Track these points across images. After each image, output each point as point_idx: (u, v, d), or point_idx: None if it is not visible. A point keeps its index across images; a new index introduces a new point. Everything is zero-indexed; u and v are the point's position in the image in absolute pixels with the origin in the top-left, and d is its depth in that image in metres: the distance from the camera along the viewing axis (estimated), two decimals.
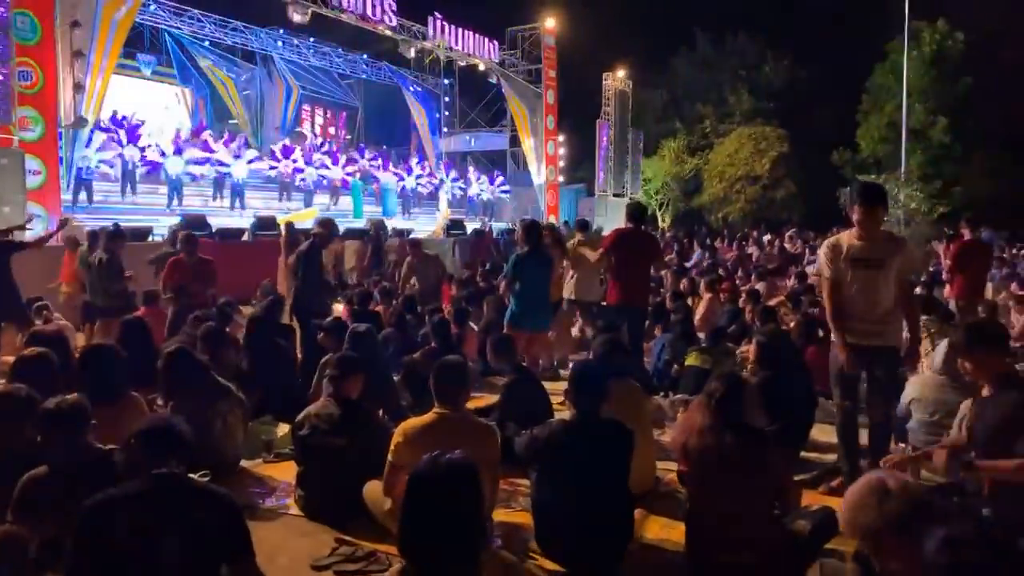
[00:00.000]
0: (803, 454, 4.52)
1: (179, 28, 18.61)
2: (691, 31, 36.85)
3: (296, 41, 21.10)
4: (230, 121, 19.90)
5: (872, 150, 29.58)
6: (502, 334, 5.23)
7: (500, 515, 3.58)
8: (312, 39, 21.37)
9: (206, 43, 19.28)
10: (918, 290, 9.03)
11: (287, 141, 18.76)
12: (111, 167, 13.61)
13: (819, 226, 24.15)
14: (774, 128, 32.76)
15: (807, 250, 16.66)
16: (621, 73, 27.83)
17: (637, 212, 6.38)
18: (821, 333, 5.61)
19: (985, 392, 3.41)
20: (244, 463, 4.40)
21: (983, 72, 28.47)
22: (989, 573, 1.76)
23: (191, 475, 3.46)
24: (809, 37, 33.47)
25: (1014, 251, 17.62)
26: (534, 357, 6.10)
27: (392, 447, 3.18)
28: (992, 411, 3.33)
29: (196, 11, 18.48)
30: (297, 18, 16.19)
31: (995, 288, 10.44)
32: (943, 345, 4.29)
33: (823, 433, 4.72)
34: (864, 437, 4.07)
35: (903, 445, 4.50)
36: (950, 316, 5.87)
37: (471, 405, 5.43)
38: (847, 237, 4.02)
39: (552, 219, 22.56)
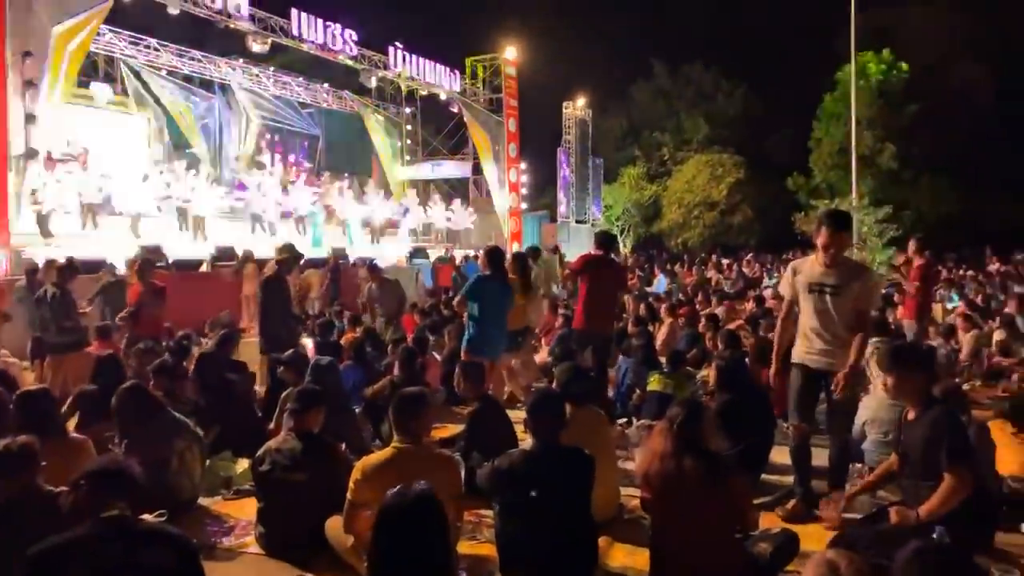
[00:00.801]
0: (763, 476, 4.57)
1: (135, 57, 18.40)
2: (648, 62, 37.77)
3: (255, 70, 21.01)
4: (188, 151, 19.65)
5: (825, 176, 30.46)
6: (473, 361, 5.22)
7: (465, 547, 3.55)
8: (272, 68, 21.31)
9: (163, 72, 19.08)
10: (873, 312, 9.30)
11: (249, 171, 18.61)
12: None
13: (776, 250, 24.77)
14: (730, 155, 33.57)
15: (764, 274, 17.03)
16: (581, 102, 28.30)
17: (607, 240, 6.49)
18: None
19: (911, 415, 3.52)
20: (202, 501, 4.30)
21: (925, 100, 29.65)
22: (959, 569, 1.82)
23: (145, 516, 3.39)
24: (762, 67, 34.58)
25: (960, 272, 18.24)
26: (493, 385, 6.08)
27: (351, 484, 3.14)
28: (917, 431, 3.44)
29: (153, 40, 18.31)
30: (256, 48, 16.16)
31: (944, 309, 10.78)
32: None
33: (783, 455, 4.78)
34: (818, 458, 4.13)
35: (860, 465, 4.60)
36: (901, 337, 6.04)
37: (436, 435, 5.46)
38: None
39: (516, 246, 22.69)
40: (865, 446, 4.69)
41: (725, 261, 20.56)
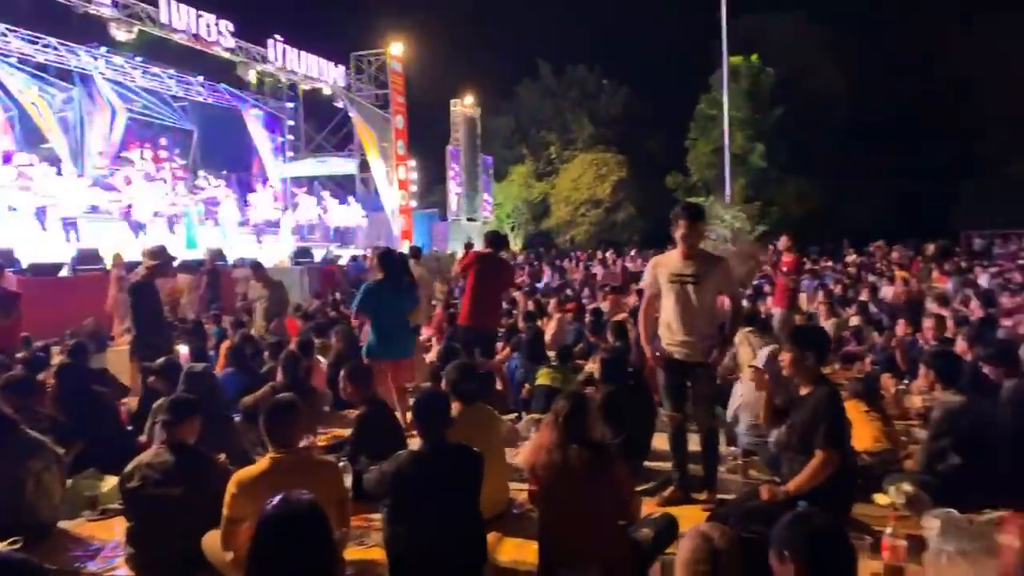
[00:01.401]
0: (646, 463, 4.75)
1: None
2: (534, 61, 38.36)
3: (121, 60, 19.64)
4: (43, 146, 18.13)
5: (701, 174, 32.04)
6: (357, 363, 5.10)
7: (353, 553, 3.48)
8: (139, 59, 20.01)
9: (13, 60, 17.48)
10: (745, 303, 9.88)
11: (114, 167, 17.38)
12: None
13: (658, 245, 25.78)
14: (614, 154, 34.65)
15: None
16: (469, 100, 28.37)
17: (497, 239, 6.54)
18: None
19: (801, 391, 3.79)
20: (64, 524, 3.99)
21: (790, 104, 31.79)
22: (832, 534, 1.97)
23: None
24: (642, 68, 35.89)
25: (822, 264, 19.68)
26: (400, 386, 5.99)
27: (227, 499, 3.00)
28: (804, 408, 3.72)
29: (1, 25, 16.75)
30: (121, 36, 15.14)
31: (808, 297, 11.58)
32: (763, 353, 4.69)
33: (665, 442, 4.98)
34: (694, 443, 4.33)
35: (734, 448, 4.87)
36: (769, 327, 6.45)
37: (322, 441, 5.32)
38: (671, 255, 4.27)
39: (406, 244, 22.46)
40: (738, 430, 4.97)
41: (610, 255, 21.21)
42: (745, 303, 9.78)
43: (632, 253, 21.16)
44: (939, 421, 4.03)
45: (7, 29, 16.91)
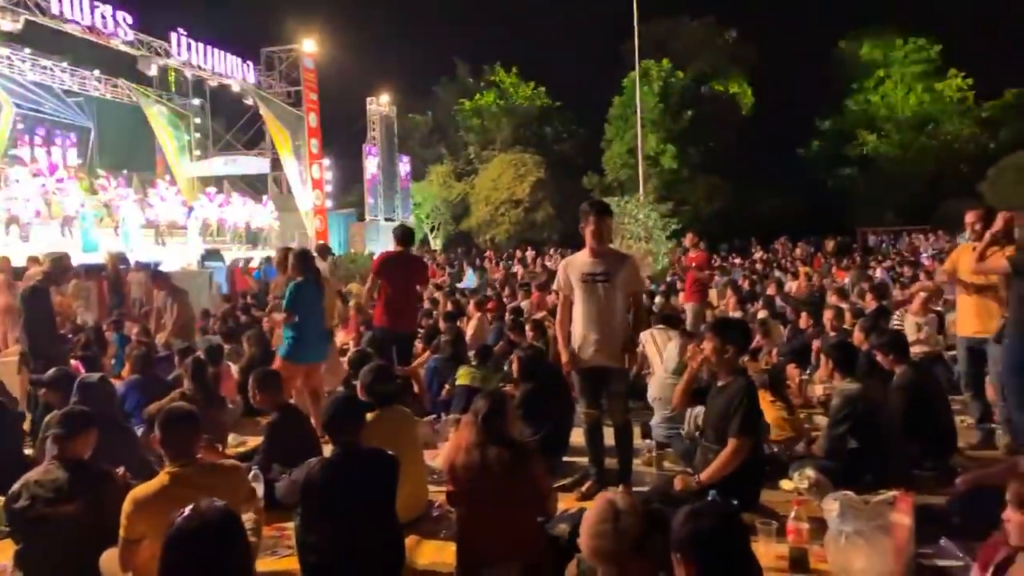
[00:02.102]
0: (565, 459, 4.80)
1: None
2: (451, 60, 38.24)
3: (7, 52, 18.36)
4: None
5: (616, 174, 32.74)
6: (265, 370, 4.92)
7: (266, 564, 3.36)
8: (28, 50, 18.76)
9: None
10: (658, 299, 10.15)
11: (3, 166, 16.22)
12: None
13: (576, 245, 26.19)
14: (532, 155, 34.94)
15: None
16: (385, 98, 27.99)
17: (405, 235, 6.38)
18: None
19: (720, 381, 3.92)
20: None
21: (699, 106, 32.93)
22: (722, 531, 2.01)
23: None
24: (557, 69, 36.40)
25: (731, 260, 20.46)
26: (314, 389, 5.82)
27: (123, 519, 2.82)
28: (720, 397, 3.85)
29: None
30: (7, 26, 14.13)
31: (718, 293, 12.00)
32: (672, 347, 4.82)
33: (583, 438, 5.04)
34: (609, 438, 4.40)
35: (648, 441, 4.99)
36: (680, 321, 6.62)
37: (233, 450, 5.11)
38: (581, 255, 4.30)
39: (318, 244, 21.93)
40: (653, 423, 5.09)
41: (529, 254, 21.39)
42: (659, 299, 10.12)
43: (551, 252, 21.41)
44: (838, 408, 4.25)
45: None
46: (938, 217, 27.67)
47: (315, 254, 6.54)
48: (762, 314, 8.93)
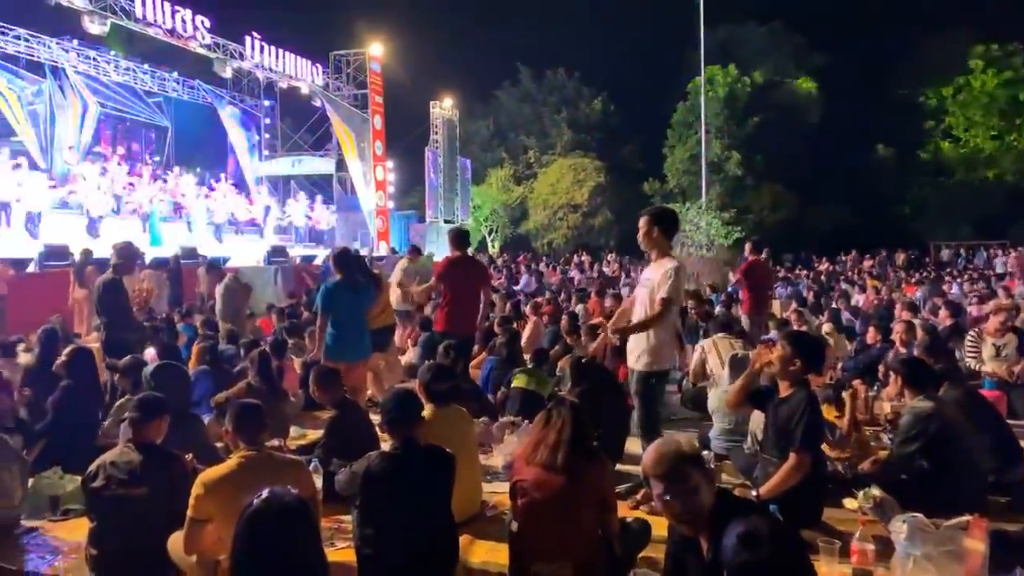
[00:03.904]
0: (619, 467, 4.75)
1: None
2: (514, 65, 38.43)
3: (93, 54, 19.31)
4: (12, 139, 17.74)
5: (677, 181, 32.32)
6: (325, 366, 5.04)
7: None
8: (113, 52, 19.67)
9: None
10: (718, 309, 9.95)
11: (84, 162, 17.05)
12: None
13: (635, 251, 25.97)
14: (592, 160, 34.82)
15: (623, 273, 17.78)
16: (448, 102, 28.31)
17: (461, 238, 6.40)
18: None
19: (782, 392, 3.82)
20: (25, 523, 3.89)
21: (766, 112, 32.22)
22: (778, 557, 1.95)
23: None
24: (620, 75, 36.14)
25: (796, 272, 19.94)
26: (353, 388, 5.91)
27: (192, 500, 2.94)
28: (781, 409, 3.75)
29: None
30: (94, 29, 14.85)
31: (782, 305, 11.72)
32: (731, 359, 4.72)
33: (638, 445, 4.99)
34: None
35: (707, 452, 4.89)
36: (739, 331, 6.49)
37: (294, 443, 5.25)
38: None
39: (383, 245, 22.33)
40: (711, 434, 4.99)
41: (585, 258, 21.30)
42: (719, 309, 9.92)
43: (609, 257, 21.27)
44: (908, 426, 4.08)
45: None
46: (1018, 232, 26.36)
47: (406, 254, 6.55)
48: (827, 327, 8.68)
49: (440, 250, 22.59)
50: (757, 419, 4.45)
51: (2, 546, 3.57)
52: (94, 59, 19.45)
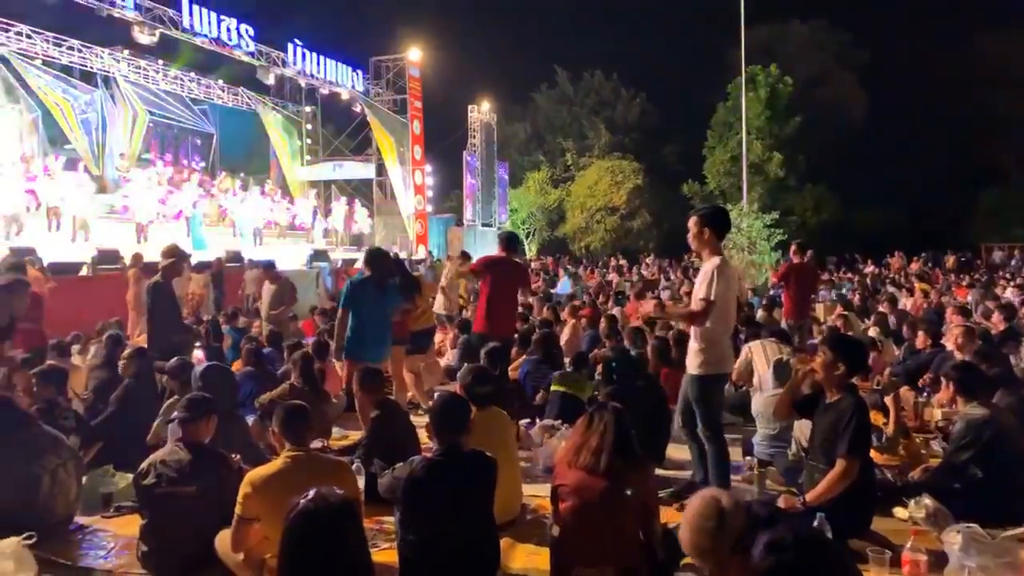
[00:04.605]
0: (660, 471, 4.70)
1: (5, 45, 17.02)
2: (551, 68, 38.45)
3: (143, 63, 19.89)
4: (66, 146, 18.37)
5: (718, 183, 31.88)
6: (368, 367, 5.09)
7: None
8: (161, 61, 20.23)
9: (38, 62, 17.74)
10: (760, 313, 9.79)
11: (134, 168, 17.57)
12: None
13: (673, 253, 25.74)
14: (630, 162, 34.59)
15: (662, 276, 17.61)
16: (486, 106, 28.43)
17: (512, 241, 6.39)
18: (675, 355, 5.92)
19: (828, 398, 3.74)
20: (80, 519, 4.01)
21: (808, 112, 31.61)
22: (804, 569, 1.91)
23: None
24: (658, 76, 35.87)
25: (840, 275, 19.51)
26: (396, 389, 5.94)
27: (240, 499, 3.00)
28: (828, 415, 3.67)
29: (25, 27, 17.00)
30: (143, 39, 15.29)
31: (826, 308, 11.47)
32: (775, 364, 4.64)
33: (679, 451, 4.94)
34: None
35: (750, 458, 4.82)
36: (786, 336, 6.38)
37: (335, 443, 5.32)
38: None
39: (422, 248, 22.50)
40: (755, 439, 4.92)
41: (624, 263, 21.15)
42: (760, 312, 9.77)
43: (648, 260, 21.09)
44: (960, 434, 3.96)
45: (32, 31, 17.20)
46: None
47: (457, 259, 6.46)
48: (874, 331, 8.48)
49: (478, 253, 22.67)
50: (802, 425, 4.37)
51: (57, 541, 3.68)
52: (143, 68, 20.03)
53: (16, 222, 13.22)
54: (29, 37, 17.27)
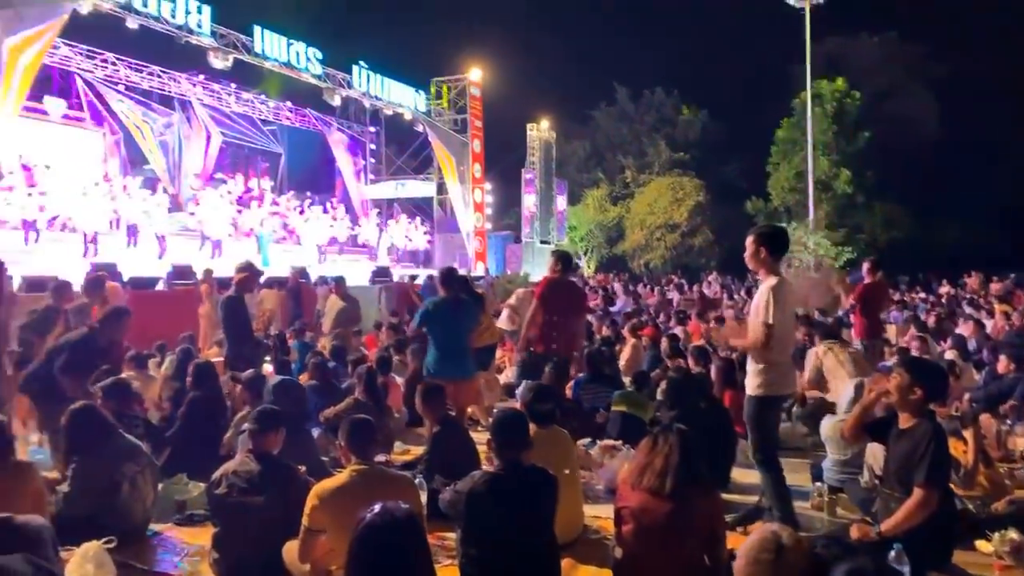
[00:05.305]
0: (726, 496, 4.58)
1: (91, 72, 18.04)
2: (611, 85, 38.41)
3: (216, 86, 20.78)
4: (146, 167, 19.29)
5: (782, 200, 31.15)
6: (431, 383, 5.14)
7: None
8: (234, 85, 21.09)
9: (120, 87, 18.74)
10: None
11: (207, 187, 18.33)
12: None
13: (736, 271, 25.24)
14: (691, 179, 34.18)
15: (725, 294, 17.27)
16: (545, 124, 28.59)
17: (565, 260, 6.41)
18: (740, 376, 5.78)
19: (902, 423, 3.59)
20: (155, 526, 4.16)
21: (878, 127, 30.64)
22: None
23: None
24: (721, 92, 35.44)
25: (913, 295, 18.77)
26: (460, 407, 5.98)
27: (307, 511, 3.05)
28: (903, 442, 3.52)
29: (110, 55, 17.99)
30: (218, 64, 15.95)
31: (898, 330, 11.03)
32: (849, 387, 4.48)
33: (745, 475, 4.82)
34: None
35: (820, 484, 4.66)
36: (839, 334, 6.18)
37: (397, 458, 5.38)
38: None
39: (480, 266, 22.70)
40: (825, 464, 4.75)
41: (684, 282, 20.85)
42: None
43: (711, 278, 20.72)
44: None
45: (117, 58, 18.19)
46: None
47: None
48: (951, 354, 8.11)
49: (536, 270, 22.73)
50: (874, 450, 4.20)
51: (134, 546, 3.81)
52: (216, 92, 20.91)
53: (97, 239, 13.93)
54: (114, 64, 18.28)
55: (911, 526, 3.33)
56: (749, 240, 4.13)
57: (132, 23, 13.86)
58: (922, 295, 18.76)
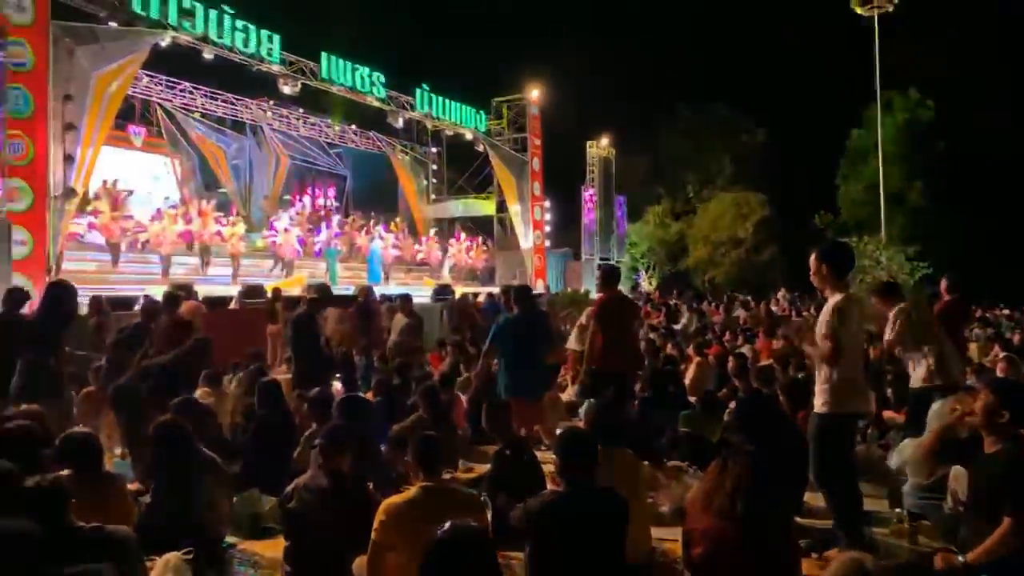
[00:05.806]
0: (799, 520, 4.43)
1: (170, 100, 18.96)
2: (672, 101, 38.07)
3: (285, 111, 21.54)
4: (219, 190, 20.10)
5: (852, 213, 30.20)
6: (498, 400, 5.16)
7: None
8: (301, 109, 21.82)
9: (196, 114, 19.64)
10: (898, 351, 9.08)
11: (277, 210, 18.98)
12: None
13: (806, 287, 24.55)
14: (755, 193, 33.48)
15: (793, 311, 16.80)
16: (605, 141, 28.52)
17: (612, 275, 6.41)
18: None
19: (987, 447, 3.42)
20: (229, 539, 4.28)
21: (954, 137, 29.44)
22: None
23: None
24: (786, 105, 34.69)
25: (996, 311, 17.87)
26: (526, 426, 5.98)
27: (376, 526, 3.09)
28: (988, 467, 3.36)
29: (187, 83, 18.88)
30: (287, 90, 16.55)
31: (980, 348, 10.52)
32: (935, 408, 4.29)
33: (816, 499, 4.65)
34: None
35: (900, 510, 4.46)
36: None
37: (462, 476, 5.40)
38: None
39: (540, 283, 22.71)
40: (905, 489, 4.55)
41: (750, 299, 20.35)
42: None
43: (779, 295, 20.17)
44: None
45: (193, 87, 19.08)
46: None
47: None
48: None
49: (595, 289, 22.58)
50: (958, 475, 4.00)
51: (211, 558, 3.92)
52: (286, 116, 21.68)
53: (173, 260, 14.57)
54: (191, 93, 19.18)
55: (999, 556, 3.16)
56: (812, 258, 4.14)
57: (208, 54, 14.55)
58: (1006, 311, 17.85)
